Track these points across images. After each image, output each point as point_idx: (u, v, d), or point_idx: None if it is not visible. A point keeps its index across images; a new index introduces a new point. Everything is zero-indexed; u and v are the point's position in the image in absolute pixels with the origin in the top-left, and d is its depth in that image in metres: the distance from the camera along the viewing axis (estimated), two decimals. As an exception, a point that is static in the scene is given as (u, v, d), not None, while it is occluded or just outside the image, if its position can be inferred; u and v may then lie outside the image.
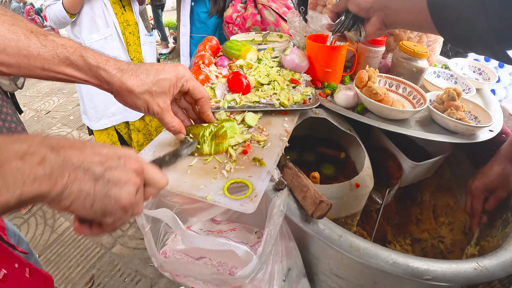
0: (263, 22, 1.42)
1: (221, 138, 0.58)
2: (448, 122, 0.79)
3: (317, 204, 0.44)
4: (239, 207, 0.46)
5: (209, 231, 0.61)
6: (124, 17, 1.52)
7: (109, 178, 0.32)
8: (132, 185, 0.34)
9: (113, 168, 0.33)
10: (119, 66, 0.49)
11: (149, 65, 0.51)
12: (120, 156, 0.34)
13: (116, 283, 1.61)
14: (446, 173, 1.13)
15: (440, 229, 1.05)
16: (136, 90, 0.49)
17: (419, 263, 0.50)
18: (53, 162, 0.29)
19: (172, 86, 0.51)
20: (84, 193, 0.31)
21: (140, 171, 0.36)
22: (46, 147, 0.30)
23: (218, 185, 0.51)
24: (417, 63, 0.92)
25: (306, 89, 0.80)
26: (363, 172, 0.66)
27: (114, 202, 0.33)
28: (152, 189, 0.39)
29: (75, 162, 0.31)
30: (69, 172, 0.30)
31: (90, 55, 0.47)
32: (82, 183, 0.30)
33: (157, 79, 0.50)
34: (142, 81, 0.49)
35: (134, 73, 0.49)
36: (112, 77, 0.48)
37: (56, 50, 0.46)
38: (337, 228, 0.48)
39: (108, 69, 0.48)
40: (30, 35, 0.45)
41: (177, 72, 0.51)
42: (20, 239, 0.82)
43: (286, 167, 0.55)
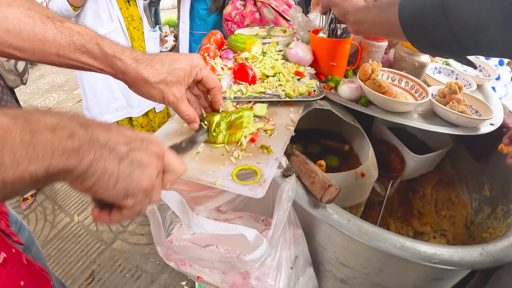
0: (261, 20, 1.42)
1: (235, 129, 0.58)
2: (450, 114, 0.80)
3: (326, 188, 0.44)
4: (248, 192, 0.47)
5: (216, 219, 0.61)
6: (128, 11, 1.50)
7: (132, 159, 0.32)
8: (154, 168, 0.34)
9: (137, 149, 0.33)
10: (135, 56, 0.49)
11: (164, 55, 0.51)
12: (143, 139, 0.34)
13: (116, 278, 1.61)
14: (447, 167, 1.14)
15: (442, 223, 1.06)
16: (152, 80, 0.49)
17: (426, 247, 0.51)
18: (82, 138, 0.29)
19: (186, 75, 0.52)
20: (109, 172, 0.30)
21: (161, 156, 0.36)
22: (76, 123, 0.30)
23: (227, 171, 0.51)
24: (419, 58, 0.93)
25: (310, 81, 0.81)
26: (368, 161, 0.67)
27: (136, 184, 0.33)
28: (171, 175, 0.38)
29: (102, 140, 0.30)
30: (96, 149, 0.30)
31: (106, 44, 0.48)
32: (107, 162, 0.30)
33: (172, 69, 0.50)
34: (158, 71, 0.49)
35: (150, 63, 0.49)
36: (127, 67, 0.48)
37: (72, 37, 0.46)
38: (345, 213, 0.48)
39: (124, 59, 0.48)
40: (46, 20, 0.44)
41: (191, 61, 0.52)
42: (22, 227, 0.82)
43: (293, 155, 0.55)
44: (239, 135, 0.59)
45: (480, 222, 0.95)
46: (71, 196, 2.13)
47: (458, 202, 1.07)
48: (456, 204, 1.08)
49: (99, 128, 0.31)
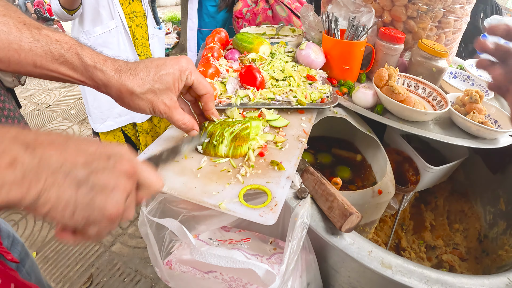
0: (274, 18, 1.36)
1: (241, 141, 0.52)
2: (471, 125, 0.74)
3: (346, 217, 0.39)
4: (258, 218, 0.41)
5: (219, 240, 0.56)
6: (131, 7, 1.38)
7: (94, 183, 0.28)
8: (121, 192, 0.30)
9: (100, 170, 0.29)
10: (117, 66, 0.44)
11: (148, 61, 0.46)
12: (110, 156, 0.30)
13: (115, 283, 1.57)
14: (461, 177, 1.09)
15: (454, 236, 1.01)
16: (138, 91, 0.44)
17: (452, 280, 0.46)
18: (27, 164, 0.25)
19: (176, 81, 0.47)
20: (64, 200, 0.26)
21: (132, 173, 0.31)
22: (20, 145, 0.25)
23: (233, 191, 0.46)
24: (437, 62, 0.87)
25: (323, 87, 0.75)
26: (386, 177, 0.61)
27: (99, 212, 0.28)
28: (145, 192, 0.34)
29: (54, 163, 0.26)
30: (46, 175, 0.25)
31: (86, 54, 0.43)
32: (61, 189, 0.26)
33: (159, 75, 0.45)
34: (143, 80, 0.44)
35: (133, 72, 0.44)
36: (110, 79, 0.43)
37: (49, 46, 0.41)
38: (366, 242, 0.43)
39: (105, 70, 0.43)
40: (22, 27, 0.40)
41: (179, 64, 0.47)
42: (15, 240, 0.77)
43: (307, 172, 0.49)
44: (245, 148, 0.53)
45: (495, 237, 0.91)
46: (70, 196, 2.09)
47: (471, 214, 1.03)
48: (469, 216, 1.03)
49: (51, 147, 0.27)
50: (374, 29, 0.92)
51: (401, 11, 0.87)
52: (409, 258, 0.91)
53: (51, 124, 2.95)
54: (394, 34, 0.85)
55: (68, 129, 2.86)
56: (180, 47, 5.12)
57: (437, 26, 0.88)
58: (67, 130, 2.84)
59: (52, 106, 3.28)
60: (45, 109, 3.23)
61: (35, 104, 3.30)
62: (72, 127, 2.90)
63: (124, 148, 0.32)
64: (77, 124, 2.95)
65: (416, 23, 0.88)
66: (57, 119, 3.04)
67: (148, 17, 1.43)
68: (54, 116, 3.09)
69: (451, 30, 0.90)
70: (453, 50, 1.01)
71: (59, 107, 3.25)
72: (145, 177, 0.33)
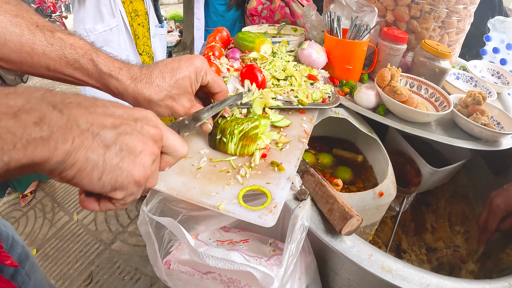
0: (292, 15, 1.36)
1: (249, 140, 0.52)
2: (474, 127, 0.74)
3: (346, 220, 0.38)
4: (257, 220, 0.41)
5: (218, 241, 0.55)
6: (133, 6, 1.37)
7: (122, 146, 0.28)
8: (149, 155, 0.29)
9: (128, 133, 0.28)
10: (133, 74, 0.43)
11: (163, 65, 0.45)
12: (137, 119, 0.30)
13: (115, 281, 1.57)
14: (463, 179, 1.08)
15: (455, 238, 1.01)
16: (155, 98, 0.44)
17: (453, 284, 0.45)
18: (54, 123, 0.24)
19: (192, 83, 0.46)
20: (92, 162, 0.26)
21: (158, 138, 0.31)
22: (47, 103, 0.24)
23: (232, 192, 0.45)
24: (440, 63, 0.86)
25: (325, 86, 0.74)
26: (387, 179, 0.61)
27: (127, 175, 0.28)
28: (171, 158, 0.34)
29: (82, 124, 0.25)
30: (74, 136, 0.25)
31: (101, 60, 0.42)
32: (90, 151, 0.26)
33: (175, 80, 0.45)
34: (160, 87, 0.44)
35: (149, 80, 0.43)
36: (126, 87, 0.43)
37: (64, 51, 0.41)
38: (366, 246, 0.42)
39: (121, 79, 0.43)
40: (35, 29, 0.39)
41: (194, 66, 0.46)
42: (15, 242, 0.76)
43: (307, 174, 0.49)
44: (252, 148, 0.53)
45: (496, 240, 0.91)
46: (71, 194, 2.09)
47: (472, 216, 1.02)
48: (471, 218, 1.03)
49: (79, 107, 0.26)
50: (377, 29, 0.91)
51: (404, 11, 0.86)
52: (410, 260, 0.90)
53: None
54: (397, 34, 0.84)
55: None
56: (182, 45, 5.10)
57: (440, 27, 0.88)
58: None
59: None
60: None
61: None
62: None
63: (150, 113, 0.32)
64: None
65: (419, 23, 0.87)
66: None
67: (150, 16, 1.42)
68: (56, 113, 3.10)
69: (454, 31, 0.89)
70: (456, 51, 1.00)
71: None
72: (170, 143, 0.33)
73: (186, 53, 4.94)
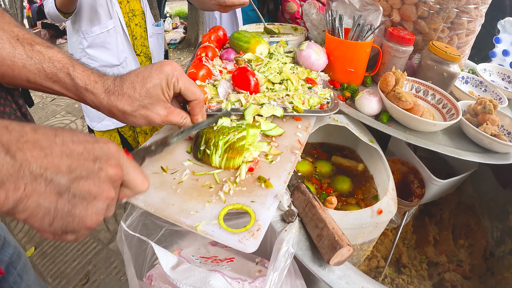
0: None
1: (235, 153, 0.48)
2: (483, 138, 0.68)
3: (336, 250, 0.34)
4: (236, 244, 0.37)
5: (202, 257, 0.52)
6: (129, 6, 1.32)
7: (75, 192, 0.27)
8: (103, 201, 0.29)
9: (84, 177, 0.28)
10: (107, 87, 0.44)
11: (134, 75, 0.45)
12: (97, 157, 0.29)
13: (111, 281, 1.56)
14: (469, 189, 1.03)
15: (458, 252, 0.96)
16: (128, 110, 0.44)
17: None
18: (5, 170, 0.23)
19: (164, 91, 0.45)
20: (43, 209, 0.26)
21: (117, 178, 0.30)
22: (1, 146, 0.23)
23: (213, 211, 0.41)
24: (449, 67, 0.80)
25: (323, 91, 0.69)
26: (387, 196, 0.56)
27: (78, 222, 0.28)
28: (129, 192, 0.34)
29: (36, 169, 0.25)
30: (26, 183, 0.24)
31: (77, 74, 0.43)
32: (42, 198, 0.26)
33: (145, 90, 0.44)
34: (131, 98, 0.44)
35: (121, 91, 0.43)
36: (101, 101, 0.43)
37: (42, 64, 0.41)
38: (358, 276, 0.38)
39: (96, 93, 0.43)
40: (15, 43, 0.40)
41: (164, 73, 0.45)
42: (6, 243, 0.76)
43: (298, 191, 0.45)
44: (238, 161, 0.49)
45: (501, 256, 0.87)
46: (70, 192, 2.09)
47: (477, 229, 0.98)
48: (476, 231, 0.98)
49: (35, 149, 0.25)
50: (382, 29, 0.85)
51: (411, 10, 0.80)
52: (410, 276, 0.85)
53: (54, 118, 2.96)
54: (403, 35, 0.78)
55: (71, 124, 2.86)
56: (186, 42, 5.07)
57: (450, 27, 0.82)
58: (70, 125, 2.84)
59: (56, 100, 3.29)
60: (49, 103, 3.24)
61: (39, 97, 3.32)
62: (75, 121, 2.90)
63: (112, 147, 0.31)
64: (80, 118, 2.95)
65: (427, 24, 0.81)
66: (60, 113, 3.05)
67: (147, 15, 1.37)
68: (58, 110, 3.10)
69: (464, 32, 0.83)
70: (466, 53, 0.94)
71: (63, 101, 3.25)
72: (131, 179, 0.32)
73: (191, 50, 4.91)
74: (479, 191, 1.00)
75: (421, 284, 0.85)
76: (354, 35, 0.78)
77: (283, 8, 1.42)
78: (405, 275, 0.86)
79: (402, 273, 0.87)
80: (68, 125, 2.84)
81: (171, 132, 0.46)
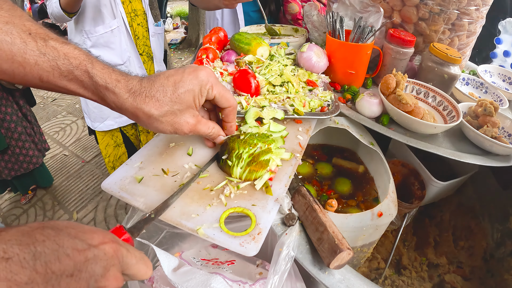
0: None
1: (258, 166, 0.46)
2: (484, 141, 0.68)
3: (336, 254, 0.34)
4: (237, 248, 0.37)
5: (203, 259, 0.52)
6: (132, 6, 1.32)
7: None
8: None
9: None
10: (131, 87, 0.40)
11: (164, 77, 0.42)
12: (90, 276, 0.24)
13: (112, 281, 1.56)
14: (469, 191, 1.03)
15: (458, 254, 0.97)
16: (155, 114, 0.41)
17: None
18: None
19: (196, 97, 0.43)
20: None
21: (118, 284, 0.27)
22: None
23: (214, 214, 0.41)
24: (449, 69, 0.80)
25: (324, 93, 0.69)
26: (387, 199, 0.56)
27: None
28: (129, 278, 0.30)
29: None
30: None
31: (97, 72, 0.39)
32: None
33: (177, 95, 0.41)
34: (160, 102, 0.41)
35: (149, 94, 0.40)
36: (124, 102, 0.40)
37: (57, 61, 0.38)
38: (358, 279, 0.38)
39: (118, 93, 0.40)
40: (27, 38, 0.37)
41: (199, 79, 0.42)
42: None
43: (299, 194, 0.45)
44: (261, 173, 0.47)
45: (501, 258, 0.87)
46: (71, 192, 2.09)
47: (477, 231, 0.98)
48: (476, 233, 0.98)
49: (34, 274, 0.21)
50: (382, 30, 0.85)
51: (412, 12, 0.80)
52: (410, 277, 0.85)
53: (55, 118, 2.96)
54: (403, 37, 0.78)
55: (72, 124, 2.87)
56: (187, 42, 5.07)
57: (450, 29, 0.82)
58: (71, 125, 2.85)
59: (57, 100, 3.29)
60: (50, 103, 3.24)
61: (40, 97, 3.32)
62: (76, 122, 2.90)
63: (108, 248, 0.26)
64: (81, 119, 2.95)
65: (428, 25, 0.81)
66: (61, 113, 3.05)
67: (148, 15, 1.38)
68: (59, 110, 3.11)
69: (465, 34, 0.83)
70: (467, 55, 0.94)
71: (64, 101, 3.26)
72: (131, 273, 0.29)
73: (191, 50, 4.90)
74: (480, 193, 1.00)
75: (421, 285, 0.85)
76: (355, 37, 0.78)
77: (285, 9, 1.42)
78: (405, 277, 0.86)
79: (402, 275, 0.87)
80: (68, 125, 2.85)
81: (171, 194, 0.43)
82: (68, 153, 2.47)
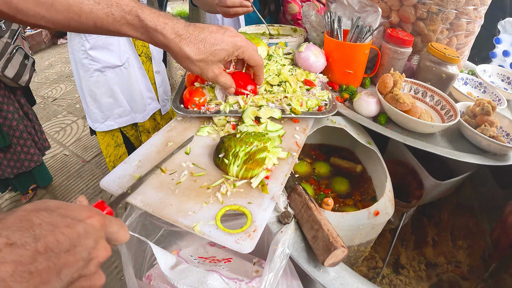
0: None
1: (255, 164, 0.47)
2: (481, 140, 0.69)
3: (330, 251, 0.34)
4: (233, 244, 0.37)
5: (201, 257, 0.52)
6: None
7: None
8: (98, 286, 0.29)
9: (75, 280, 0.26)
10: (177, 30, 0.48)
11: (208, 32, 0.50)
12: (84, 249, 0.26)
13: (112, 280, 1.57)
14: (468, 190, 1.03)
15: (457, 253, 0.96)
16: (193, 58, 0.49)
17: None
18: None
19: (228, 56, 0.53)
20: None
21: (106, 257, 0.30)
22: None
23: (210, 212, 0.42)
24: (447, 68, 0.80)
25: (322, 93, 0.70)
26: (384, 197, 0.56)
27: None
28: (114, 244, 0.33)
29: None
30: None
31: (147, 16, 0.46)
32: None
33: (214, 49, 0.50)
34: (200, 50, 0.49)
35: (193, 40, 0.49)
36: (170, 42, 0.48)
37: (110, 9, 0.44)
38: (353, 277, 0.38)
39: (166, 34, 0.47)
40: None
41: (234, 44, 0.52)
42: None
43: (295, 192, 0.45)
44: (257, 171, 0.47)
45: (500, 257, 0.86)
46: (71, 192, 2.10)
47: (476, 230, 0.98)
48: (474, 232, 0.98)
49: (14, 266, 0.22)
50: (381, 30, 0.86)
51: (410, 12, 0.80)
52: (408, 276, 0.86)
53: (56, 118, 2.97)
54: (401, 37, 0.79)
55: (72, 124, 2.87)
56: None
57: (449, 29, 0.82)
58: (71, 125, 2.85)
59: (58, 100, 3.30)
60: (50, 103, 3.25)
61: (41, 97, 3.33)
62: (76, 122, 2.91)
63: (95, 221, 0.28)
64: (82, 118, 2.96)
65: (426, 25, 0.82)
66: (62, 113, 3.06)
67: None
68: (59, 110, 3.11)
69: (463, 33, 0.83)
70: (465, 55, 0.94)
71: (65, 101, 3.27)
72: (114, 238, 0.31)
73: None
74: (478, 192, 1.00)
75: (419, 285, 0.85)
76: (353, 37, 0.78)
77: (285, 9, 1.43)
78: (403, 276, 0.86)
79: (400, 274, 0.87)
80: (69, 125, 2.86)
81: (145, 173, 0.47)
82: (68, 152, 2.48)
